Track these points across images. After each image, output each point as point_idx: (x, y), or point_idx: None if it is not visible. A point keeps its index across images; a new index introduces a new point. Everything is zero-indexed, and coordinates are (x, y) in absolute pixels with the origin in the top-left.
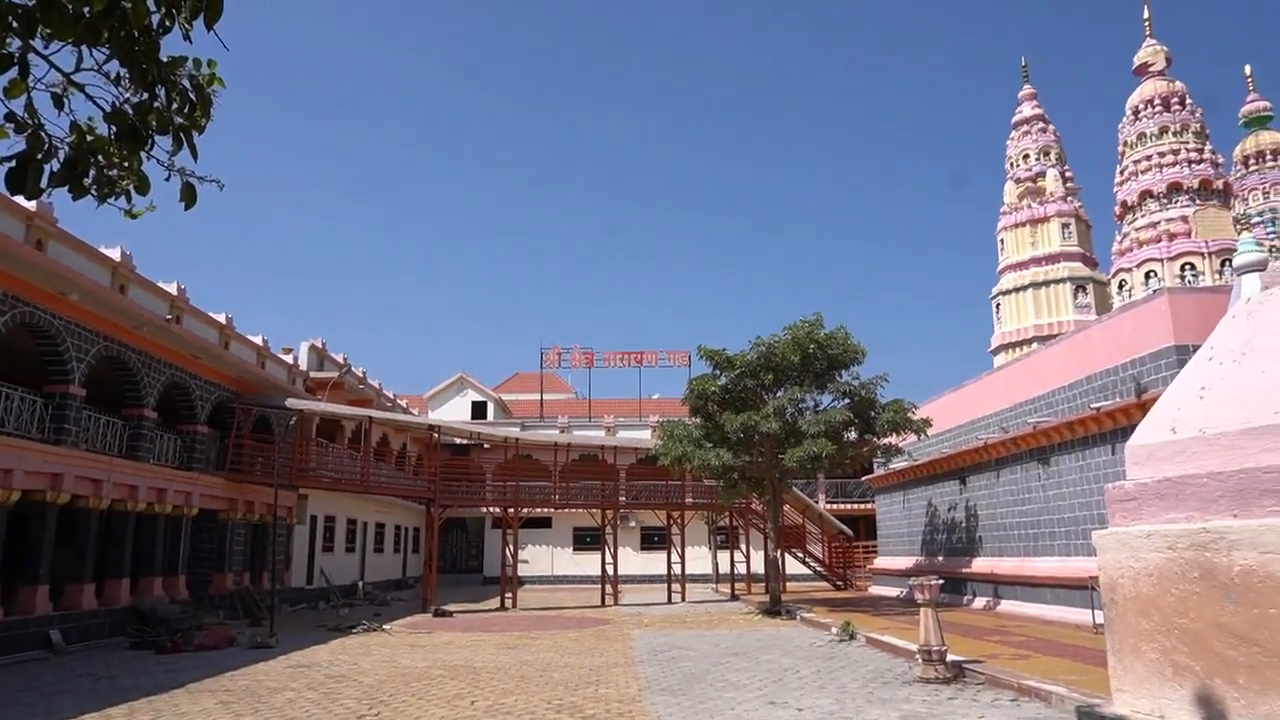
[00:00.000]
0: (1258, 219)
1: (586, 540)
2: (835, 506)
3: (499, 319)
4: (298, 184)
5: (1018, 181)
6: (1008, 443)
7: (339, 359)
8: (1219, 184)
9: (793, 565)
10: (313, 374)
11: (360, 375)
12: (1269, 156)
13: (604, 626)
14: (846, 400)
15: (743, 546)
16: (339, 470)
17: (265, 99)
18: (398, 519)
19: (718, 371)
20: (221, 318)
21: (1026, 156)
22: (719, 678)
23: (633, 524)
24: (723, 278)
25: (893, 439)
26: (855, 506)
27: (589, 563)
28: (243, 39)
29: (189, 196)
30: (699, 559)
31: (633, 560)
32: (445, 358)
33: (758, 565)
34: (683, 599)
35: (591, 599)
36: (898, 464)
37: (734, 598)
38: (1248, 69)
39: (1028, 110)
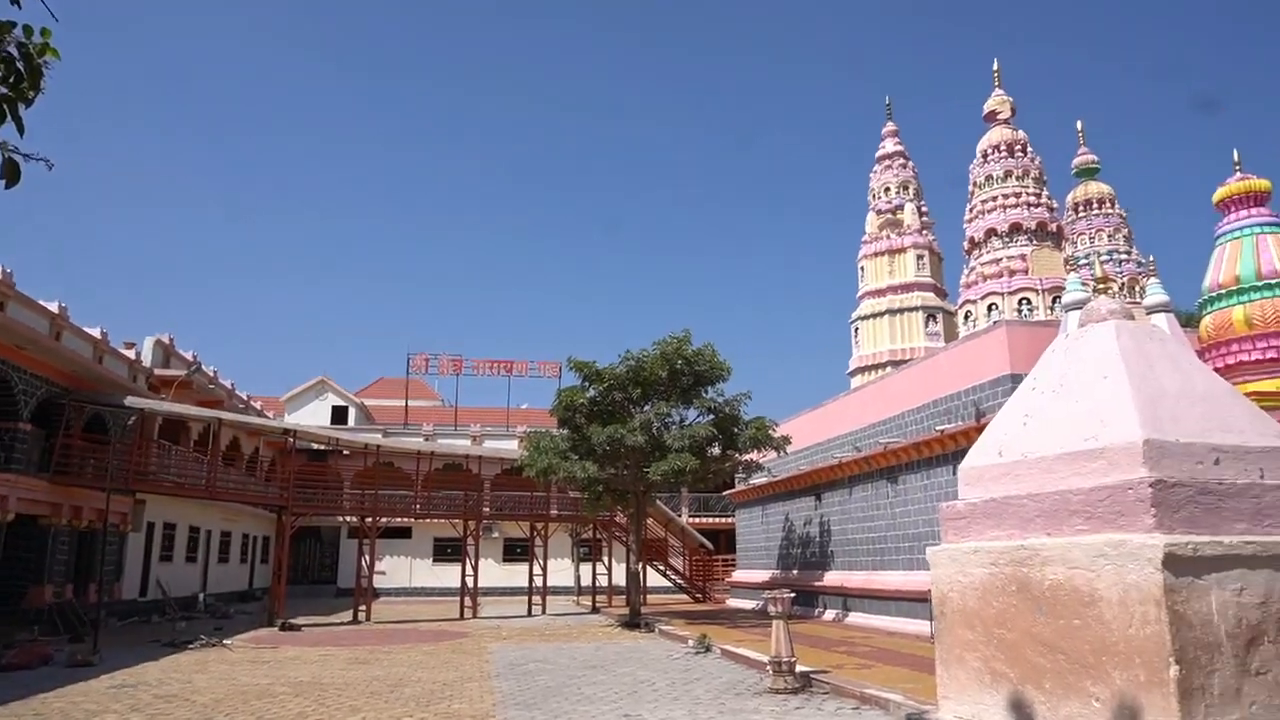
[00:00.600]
0: (1083, 261)
1: (447, 551)
2: (697, 520)
3: (366, 322)
4: (153, 174)
5: (879, 213)
6: (860, 461)
7: (188, 356)
8: (1053, 227)
9: (654, 578)
10: (158, 371)
11: (211, 374)
12: (1095, 205)
13: (461, 639)
14: (711, 416)
15: (605, 559)
16: (183, 474)
17: (116, 79)
18: (246, 527)
19: (587, 384)
20: (54, 306)
21: (887, 189)
22: (575, 691)
23: (496, 535)
24: (596, 292)
25: (754, 455)
26: (716, 520)
27: (449, 574)
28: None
29: (11, 174)
30: (561, 571)
31: (495, 572)
32: (307, 361)
33: (620, 578)
34: (543, 611)
35: (450, 611)
36: (758, 479)
37: (595, 610)
38: (1079, 124)
39: (890, 146)
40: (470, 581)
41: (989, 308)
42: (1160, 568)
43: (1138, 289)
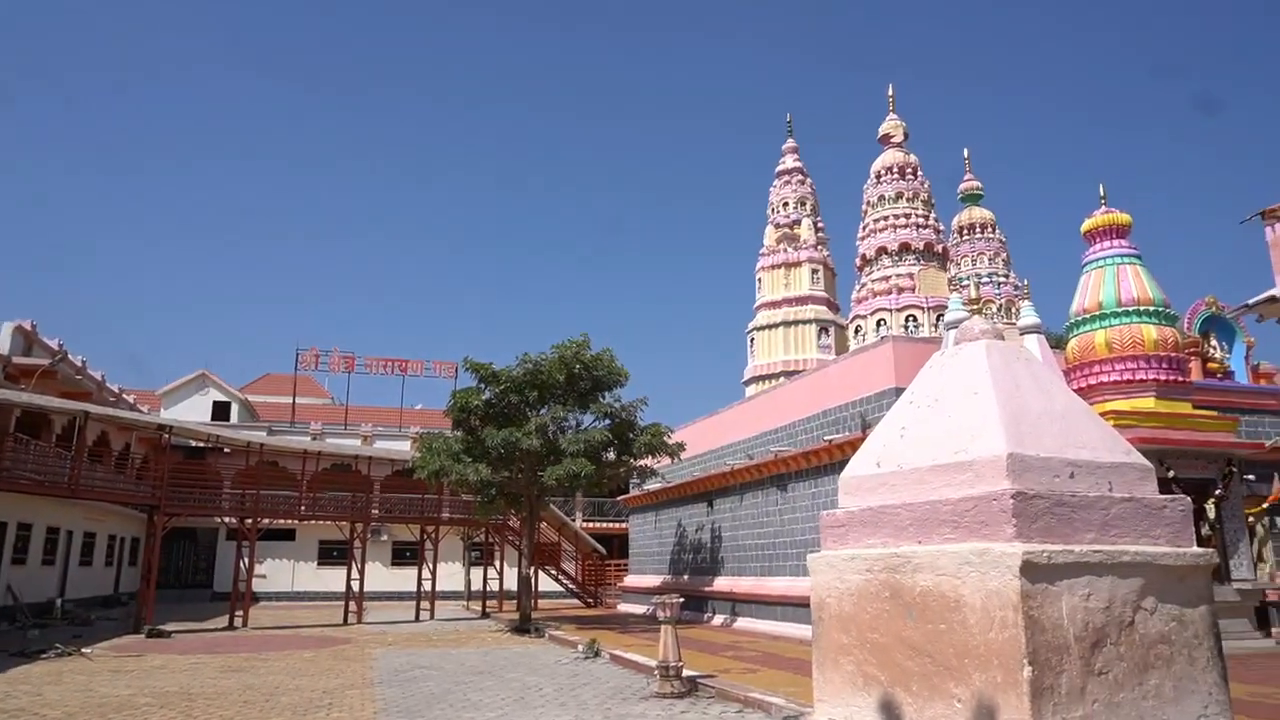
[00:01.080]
0: (965, 282)
1: (333, 554)
2: (591, 525)
3: (253, 317)
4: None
5: (776, 226)
6: (752, 469)
7: (53, 344)
8: (939, 248)
9: (546, 583)
10: (16, 359)
11: (79, 364)
12: (978, 229)
13: (344, 646)
14: (607, 421)
15: (497, 563)
16: (42, 471)
17: None
18: (112, 527)
19: (483, 385)
20: None
21: (786, 204)
22: (461, 697)
23: (384, 538)
24: (495, 293)
25: (649, 461)
26: (610, 525)
27: (334, 578)
28: None
29: None
30: (452, 575)
31: (382, 576)
32: (187, 355)
33: (511, 582)
34: (432, 617)
35: (334, 616)
36: (652, 485)
37: (485, 615)
38: (966, 151)
39: (790, 162)
40: (356, 586)
41: (878, 323)
42: (1018, 574)
43: (1014, 310)
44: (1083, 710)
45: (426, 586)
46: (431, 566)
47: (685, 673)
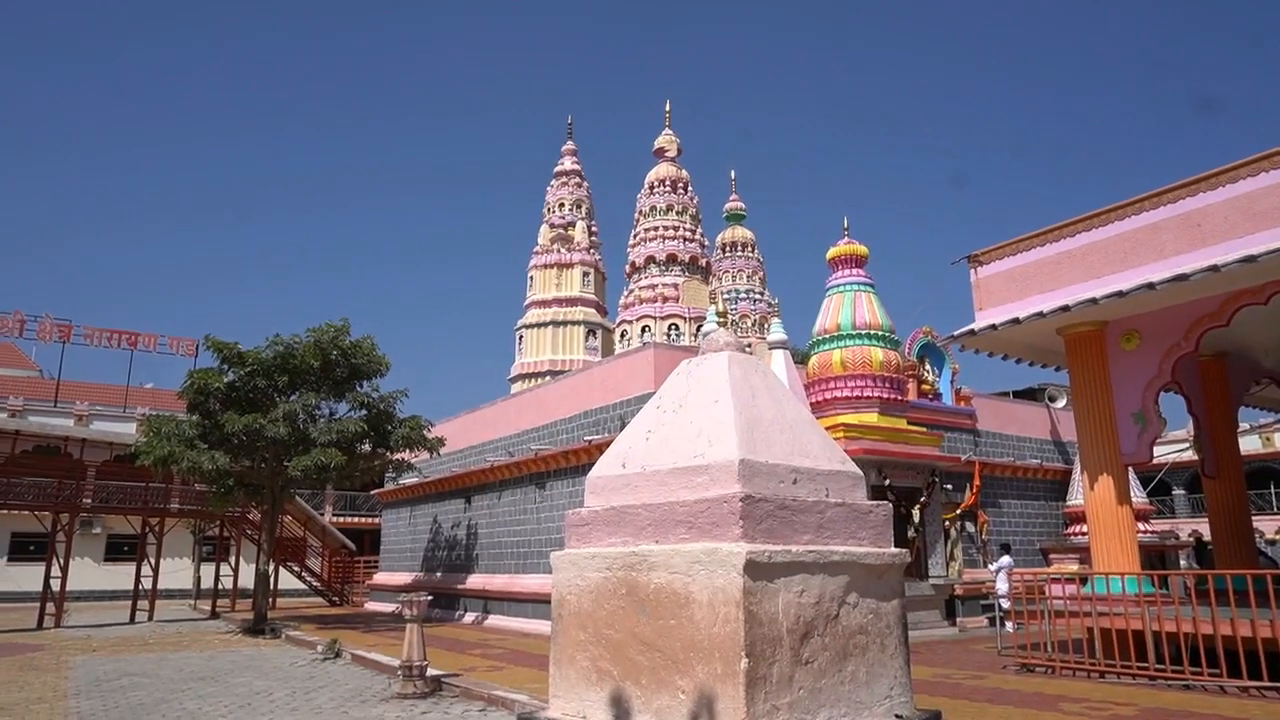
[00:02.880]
0: (725, 295)
1: (29, 549)
2: (342, 520)
3: None
4: None
5: (551, 226)
6: (512, 466)
7: None
8: (704, 262)
9: (289, 580)
10: None
11: None
12: (739, 247)
13: (35, 654)
14: (364, 411)
15: (233, 559)
16: None
17: None
18: None
19: (226, 367)
20: None
21: (562, 205)
22: (177, 706)
23: (98, 530)
24: (249, 273)
25: (406, 455)
26: (363, 520)
27: (31, 576)
28: None
29: None
30: (179, 572)
31: (93, 574)
32: None
33: (248, 579)
34: (150, 618)
35: (27, 620)
36: (408, 480)
37: (215, 616)
38: (732, 173)
39: (568, 164)
40: (57, 584)
41: (643, 329)
42: (742, 573)
43: (766, 326)
44: (790, 697)
45: (147, 585)
46: (154, 562)
47: (430, 672)
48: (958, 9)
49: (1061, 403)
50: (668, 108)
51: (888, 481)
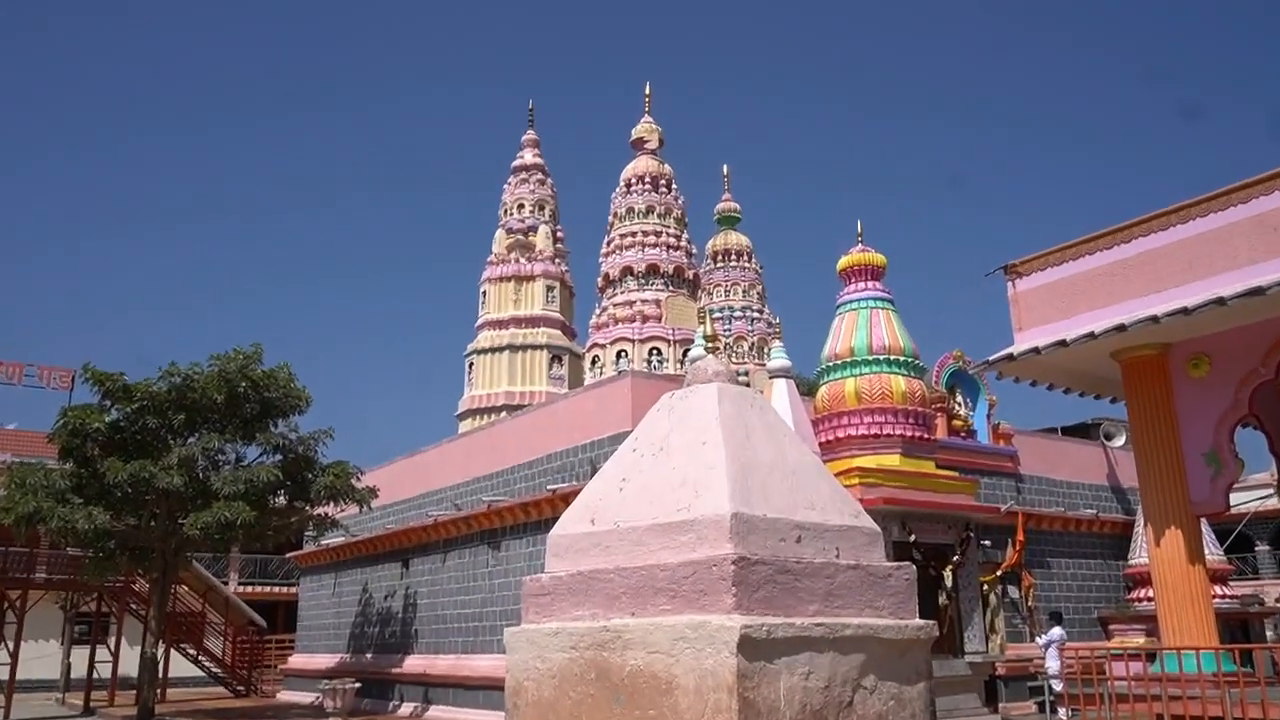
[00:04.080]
0: (717, 314)
1: None
2: (250, 590)
3: None
4: None
5: (509, 231)
6: (459, 521)
7: None
8: (691, 274)
9: (185, 666)
10: None
11: None
12: (734, 256)
13: None
14: (278, 456)
15: (113, 641)
16: None
17: None
18: None
19: (108, 402)
20: None
21: (521, 206)
22: None
23: None
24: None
25: (330, 509)
26: (276, 590)
27: None
28: None
29: None
30: (45, 658)
31: None
32: None
33: (132, 666)
34: (6, 717)
35: None
36: (333, 540)
37: (89, 713)
38: (725, 168)
39: (528, 157)
40: None
41: (618, 354)
42: (735, 652)
43: (766, 349)
44: None
45: (3, 675)
46: (11, 646)
47: None
48: None
49: (1120, 441)
50: (647, 90)
51: (913, 538)
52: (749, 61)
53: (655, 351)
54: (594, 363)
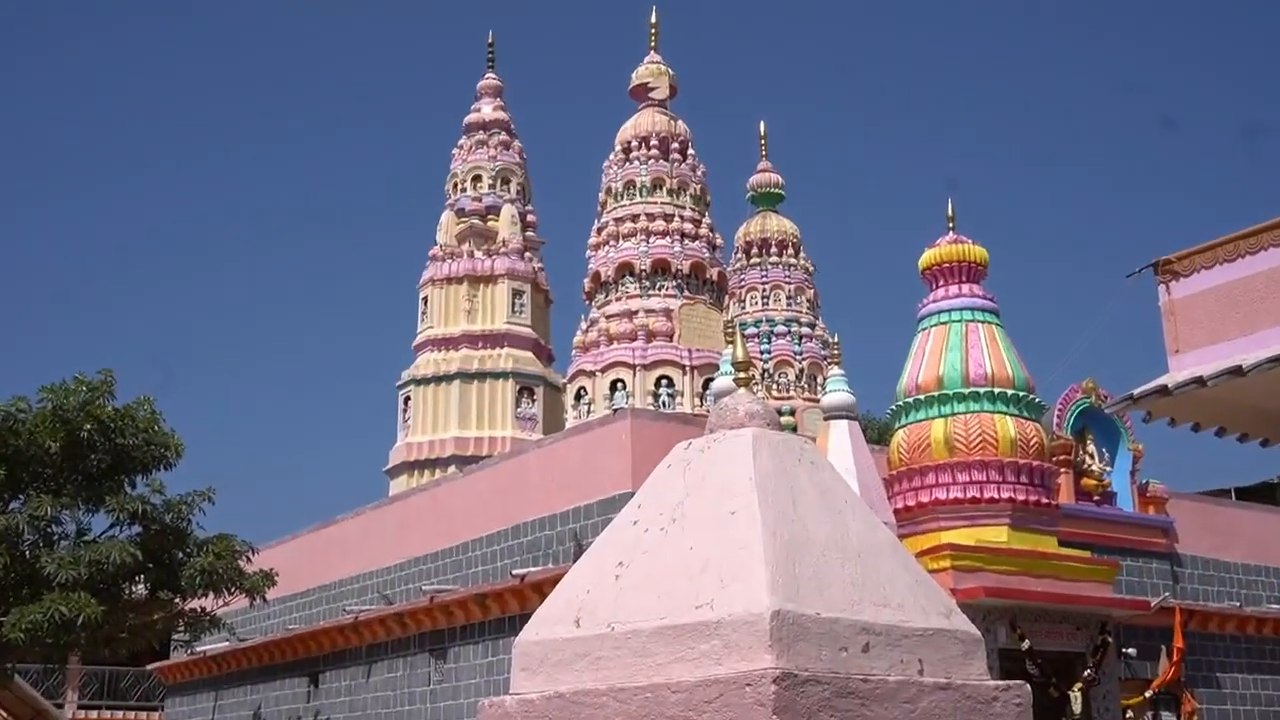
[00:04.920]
0: (752, 330)
1: None
2: (97, 715)
3: None
4: None
5: (460, 214)
6: (390, 620)
7: None
8: (714, 273)
9: None
10: None
11: None
12: (774, 248)
13: None
14: (137, 528)
15: None
16: None
17: None
18: None
19: None
20: None
21: (477, 178)
22: None
23: None
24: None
25: (209, 601)
26: (133, 715)
27: None
28: None
29: None
30: None
31: None
32: None
33: None
34: None
35: None
36: (213, 645)
37: None
38: (762, 126)
39: (488, 110)
40: None
41: (613, 385)
42: None
43: (819, 379)
44: None
45: None
46: None
47: None
48: None
49: None
50: (653, 19)
51: (1027, 644)
52: None
53: (665, 382)
54: (579, 397)
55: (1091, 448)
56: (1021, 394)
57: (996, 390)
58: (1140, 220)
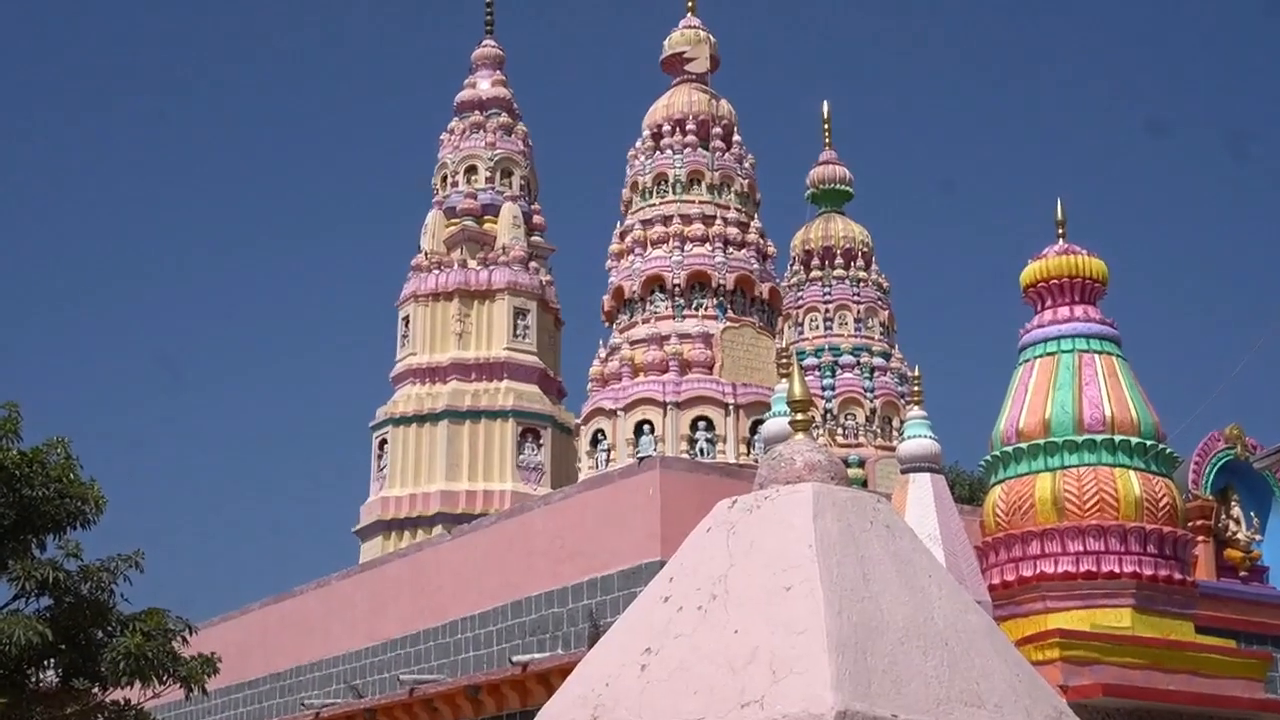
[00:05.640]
0: (812, 360)
1: None
2: None
3: None
4: None
5: (451, 214)
6: (361, 717)
7: None
8: (764, 289)
9: None
10: None
11: None
12: (840, 260)
13: None
14: (46, 600)
15: None
16: None
17: None
18: None
19: None
20: None
21: (471, 169)
22: None
23: None
24: None
25: (135, 692)
26: None
27: None
28: None
29: None
30: None
31: None
32: None
33: None
34: None
35: None
36: None
37: None
38: (825, 107)
39: (485, 86)
40: None
41: (639, 427)
42: None
43: (894, 421)
44: None
45: None
46: None
47: None
48: None
49: None
50: None
51: None
52: None
53: (703, 424)
54: (595, 442)
55: (1237, 511)
56: (1149, 443)
57: (1118, 438)
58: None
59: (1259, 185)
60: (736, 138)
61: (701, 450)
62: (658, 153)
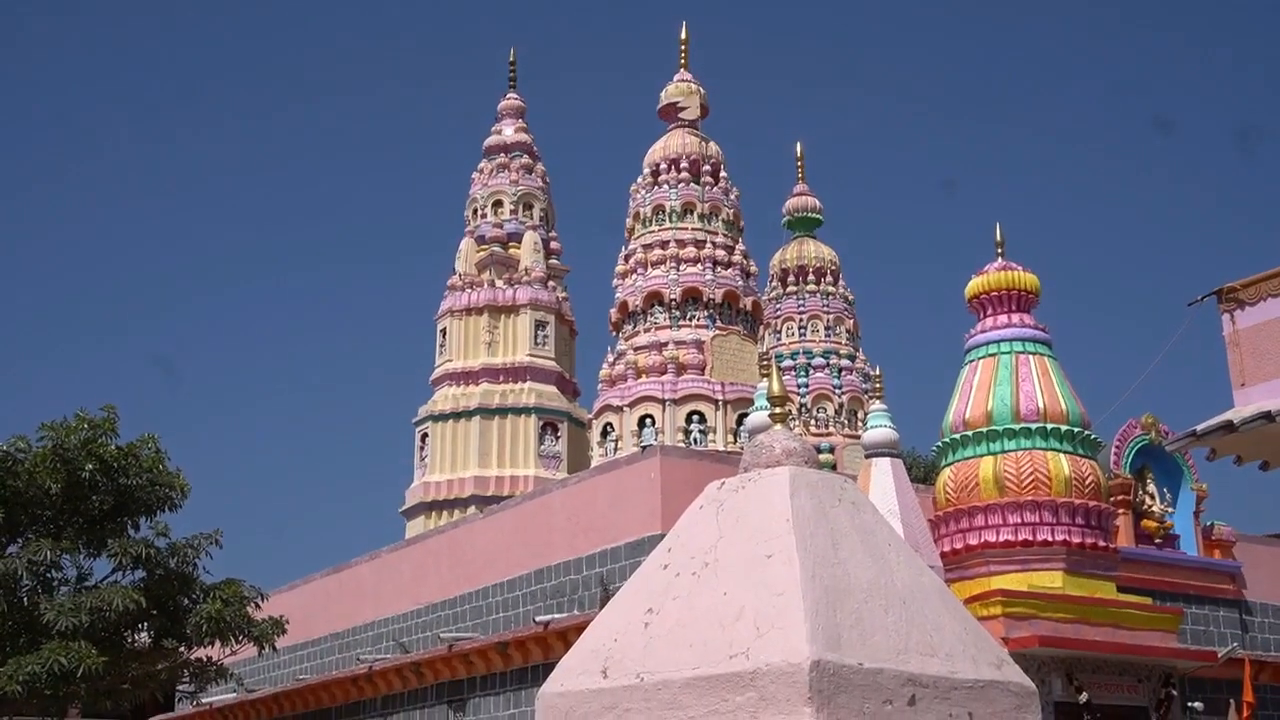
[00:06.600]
0: (789, 363)
1: None
2: None
3: None
4: None
5: (481, 241)
6: (407, 669)
7: None
8: (748, 302)
9: None
10: None
11: None
12: (813, 276)
13: None
14: (140, 573)
15: None
16: None
17: None
18: None
19: None
20: None
21: (498, 204)
22: None
23: None
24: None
25: (216, 650)
26: None
27: None
28: None
29: None
30: None
31: None
32: None
33: None
34: None
35: None
36: (221, 697)
37: None
38: (799, 147)
39: (509, 132)
40: None
41: (642, 421)
42: None
43: (860, 414)
44: None
45: None
46: None
47: None
48: None
49: None
50: (683, 34)
51: (1084, 697)
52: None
53: (696, 418)
54: (605, 434)
55: (1152, 487)
56: (1076, 430)
57: (1049, 426)
58: (1202, 245)
59: (1183, 198)
60: (723, 173)
61: (695, 440)
62: (656, 187)
